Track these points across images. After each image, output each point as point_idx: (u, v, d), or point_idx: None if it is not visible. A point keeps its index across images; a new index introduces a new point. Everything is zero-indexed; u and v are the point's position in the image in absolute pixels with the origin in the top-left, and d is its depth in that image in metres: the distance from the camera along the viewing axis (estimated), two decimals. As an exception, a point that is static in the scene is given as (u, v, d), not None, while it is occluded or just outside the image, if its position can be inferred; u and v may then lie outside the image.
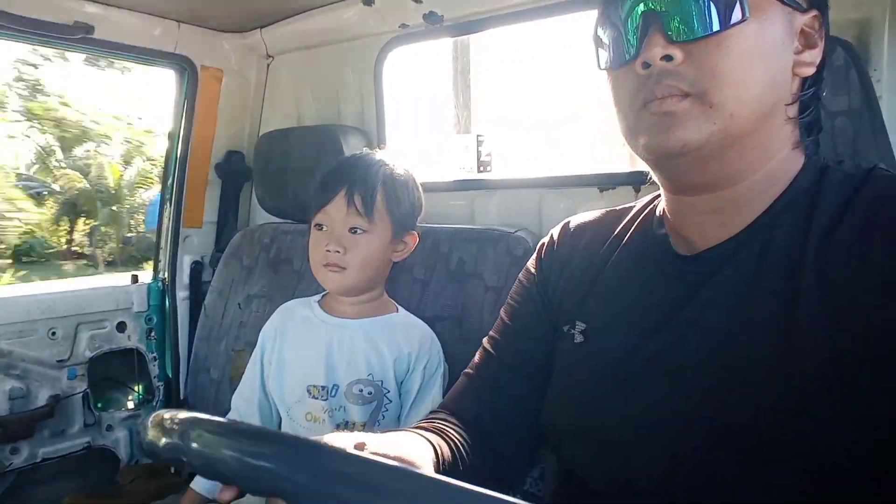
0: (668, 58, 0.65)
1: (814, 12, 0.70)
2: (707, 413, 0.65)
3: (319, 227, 1.28)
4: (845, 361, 0.59)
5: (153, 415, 0.43)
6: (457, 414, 0.91)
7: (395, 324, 1.32)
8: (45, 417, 1.70)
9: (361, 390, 1.24)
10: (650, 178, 0.79)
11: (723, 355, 0.66)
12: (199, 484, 1.30)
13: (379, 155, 1.34)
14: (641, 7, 0.67)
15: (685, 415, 0.67)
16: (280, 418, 1.34)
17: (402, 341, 1.28)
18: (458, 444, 0.83)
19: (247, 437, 0.36)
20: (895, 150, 0.98)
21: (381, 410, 1.25)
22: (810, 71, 0.70)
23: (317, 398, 1.26)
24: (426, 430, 0.82)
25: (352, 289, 1.29)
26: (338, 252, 1.23)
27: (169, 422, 0.39)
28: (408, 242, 1.33)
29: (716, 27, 0.64)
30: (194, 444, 0.37)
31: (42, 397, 1.71)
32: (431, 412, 0.95)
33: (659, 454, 0.68)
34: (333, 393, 1.25)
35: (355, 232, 1.24)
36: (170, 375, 1.95)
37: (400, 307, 1.37)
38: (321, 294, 1.38)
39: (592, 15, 0.76)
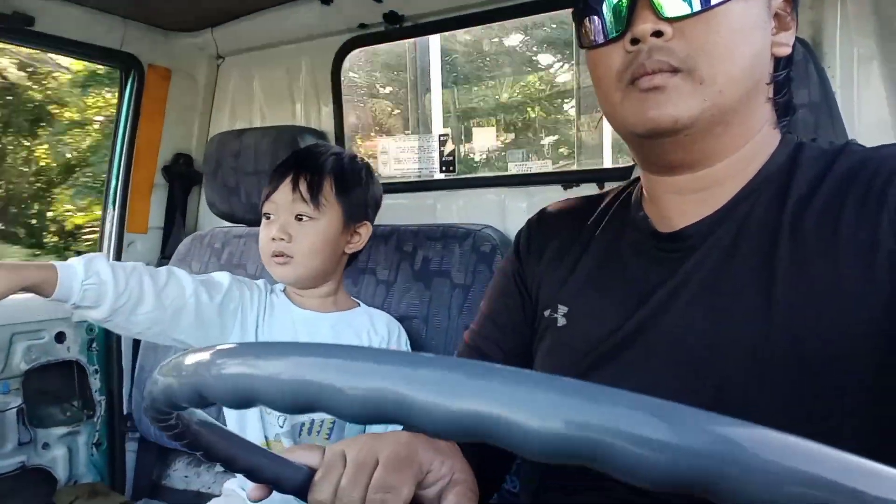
0: (657, 33, 0.66)
1: None
2: (686, 387, 0.66)
3: (267, 216, 1.24)
4: (820, 331, 0.60)
5: (160, 367, 0.39)
6: None
7: (360, 315, 1.28)
8: (-25, 435, 1.57)
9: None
10: (614, 175, 0.79)
11: (701, 328, 0.67)
12: (233, 484, 1.24)
13: (332, 148, 1.31)
14: None
15: (665, 388, 0.67)
16: None
17: (371, 332, 1.25)
18: None
19: (269, 352, 0.33)
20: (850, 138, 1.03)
21: None
22: (786, 51, 0.73)
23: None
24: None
25: (301, 279, 1.24)
26: (282, 240, 1.18)
27: (182, 362, 0.36)
28: (361, 234, 1.28)
29: (705, 4, 0.65)
30: (214, 372, 0.33)
31: (-29, 414, 1.58)
32: None
33: None
34: None
35: (301, 219, 1.20)
36: (111, 388, 1.84)
37: (362, 303, 1.33)
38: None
39: (551, 15, 0.76)
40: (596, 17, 0.72)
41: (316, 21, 1.70)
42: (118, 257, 1.87)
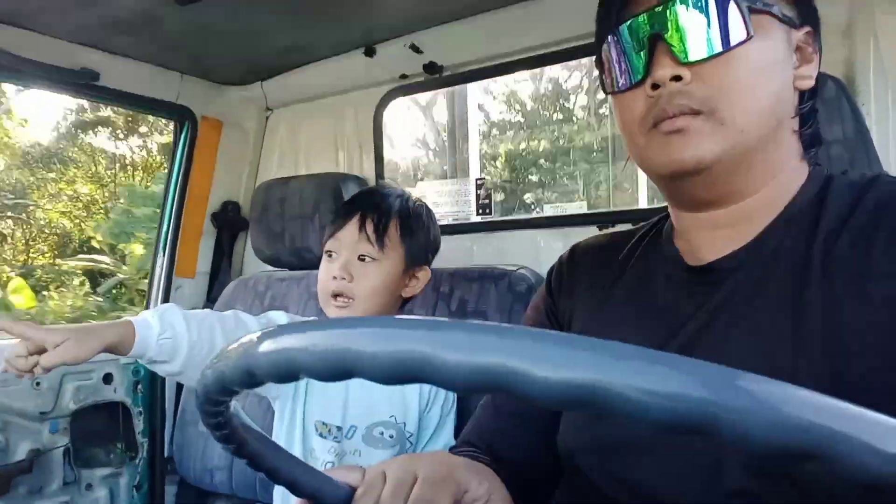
0: (677, 78, 0.67)
1: (807, 28, 0.72)
2: None
3: (329, 254, 1.24)
4: (850, 369, 0.59)
5: (210, 360, 0.41)
6: (479, 446, 0.89)
7: None
8: (23, 472, 1.61)
9: (383, 433, 1.17)
10: (649, 215, 0.80)
11: (730, 363, 0.66)
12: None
13: (396, 188, 1.32)
14: (647, 29, 0.69)
15: None
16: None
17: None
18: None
19: (314, 328, 0.34)
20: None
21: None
22: (809, 84, 0.73)
23: (325, 437, 1.18)
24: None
25: None
26: (344, 279, 1.18)
27: (229, 350, 0.38)
28: (420, 278, 1.28)
29: (722, 47, 0.66)
30: (262, 349, 0.35)
31: (21, 451, 1.62)
32: (453, 447, 0.92)
33: (671, 460, 0.67)
34: (349, 435, 1.17)
35: (364, 259, 1.20)
36: (154, 430, 1.87)
37: None
38: None
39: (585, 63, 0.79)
40: (617, 64, 0.74)
41: (360, 73, 1.78)
42: (166, 300, 1.93)
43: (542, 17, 1.40)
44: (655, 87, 0.68)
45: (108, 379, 1.81)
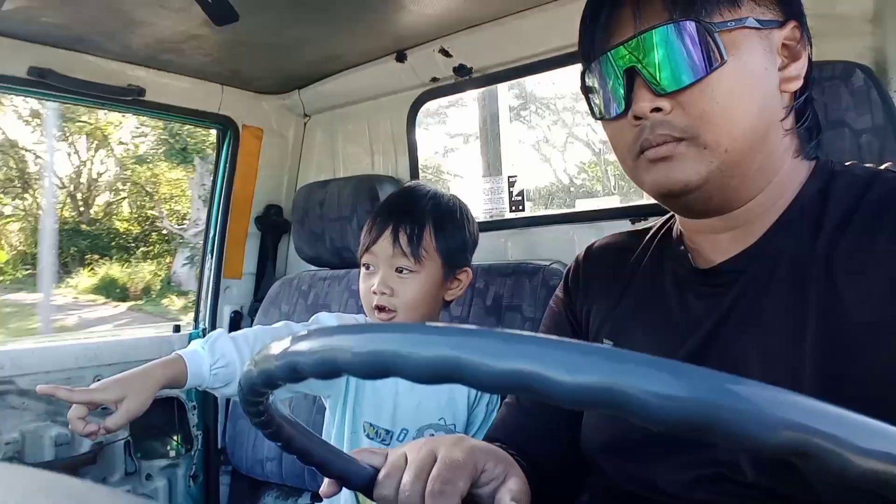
0: (657, 109, 0.69)
1: (792, 23, 0.71)
2: None
3: (367, 266, 1.24)
4: (853, 368, 0.60)
5: (252, 358, 0.47)
6: (504, 443, 0.89)
7: None
8: (88, 464, 1.72)
9: (433, 435, 1.16)
10: None
11: (741, 364, 0.68)
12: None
13: (428, 187, 1.30)
14: (623, 64, 0.70)
15: None
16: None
17: None
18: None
19: (354, 330, 0.39)
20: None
21: None
22: (797, 85, 0.72)
23: (373, 439, 1.19)
24: None
25: None
26: (384, 294, 1.18)
27: (272, 349, 0.43)
28: (461, 280, 1.27)
29: (698, 74, 0.66)
30: (305, 347, 0.40)
31: (86, 444, 1.73)
32: None
33: (686, 462, 0.69)
34: (401, 438, 1.18)
35: (402, 272, 1.20)
36: (208, 424, 1.97)
37: None
38: None
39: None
40: (601, 94, 0.75)
41: (392, 78, 1.83)
42: (216, 300, 2.02)
43: (566, 18, 1.43)
44: (638, 118, 0.70)
45: (163, 376, 1.91)
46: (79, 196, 16.55)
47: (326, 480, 0.64)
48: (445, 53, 1.69)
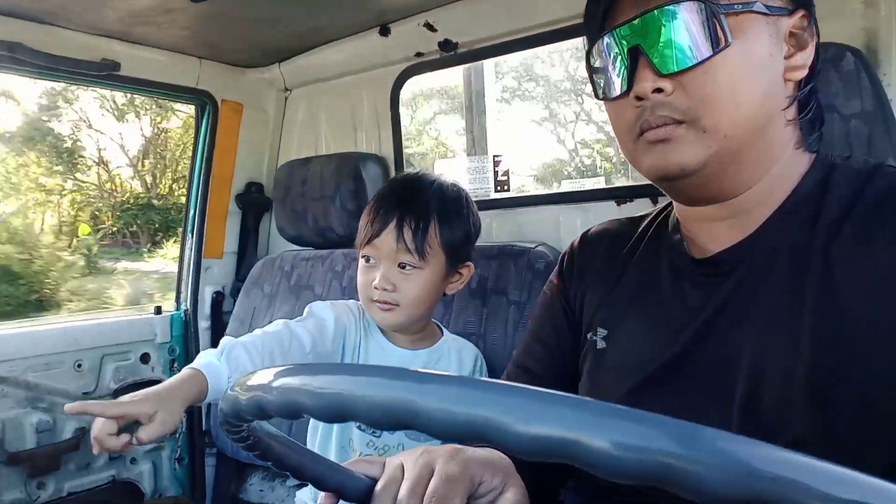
0: (658, 90, 0.67)
1: (801, 12, 0.70)
2: (726, 414, 0.67)
3: (367, 259, 1.21)
4: (850, 362, 0.60)
5: (231, 387, 0.45)
6: None
7: (450, 349, 1.28)
8: (71, 450, 1.70)
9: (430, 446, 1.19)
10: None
11: (737, 356, 0.68)
12: (304, 496, 1.28)
13: (432, 177, 1.26)
14: (626, 43, 0.69)
15: (705, 416, 0.68)
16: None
17: (459, 366, 1.25)
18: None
19: (313, 371, 0.38)
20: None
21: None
22: (802, 74, 0.71)
23: (363, 430, 1.19)
24: None
25: (403, 326, 1.21)
26: (386, 290, 1.16)
27: (246, 383, 0.42)
28: (463, 274, 1.25)
29: (701, 56, 0.65)
30: (275, 384, 0.39)
31: (68, 430, 1.71)
32: None
33: None
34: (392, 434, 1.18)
35: (405, 268, 1.17)
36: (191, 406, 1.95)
37: (441, 326, 1.33)
38: None
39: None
40: (603, 73, 0.74)
41: (375, 52, 1.78)
42: (197, 281, 1.99)
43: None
44: (639, 98, 0.69)
45: (145, 359, 1.89)
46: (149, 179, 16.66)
47: (323, 494, 0.63)
48: (430, 27, 1.64)
